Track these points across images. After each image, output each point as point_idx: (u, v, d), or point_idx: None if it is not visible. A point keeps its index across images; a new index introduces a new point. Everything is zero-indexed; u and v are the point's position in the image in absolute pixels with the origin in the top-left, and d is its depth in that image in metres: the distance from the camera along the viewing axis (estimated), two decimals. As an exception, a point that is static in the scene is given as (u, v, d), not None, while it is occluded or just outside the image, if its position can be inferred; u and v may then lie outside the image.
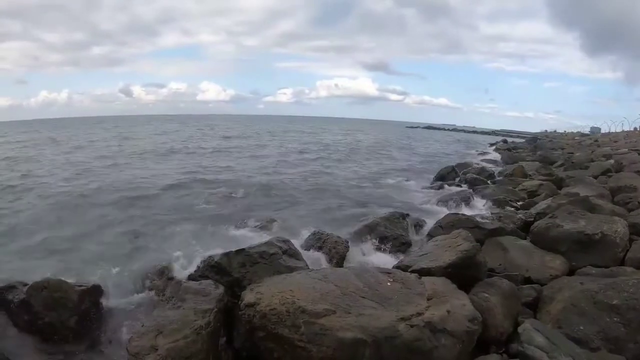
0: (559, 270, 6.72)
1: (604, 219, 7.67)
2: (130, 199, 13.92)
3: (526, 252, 7.37)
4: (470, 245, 6.11)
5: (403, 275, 5.67)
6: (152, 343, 4.44)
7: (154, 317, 5.04)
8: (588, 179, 14.40)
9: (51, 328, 5.60)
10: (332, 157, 29.78)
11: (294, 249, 7.20)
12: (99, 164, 22.79)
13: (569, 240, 7.23)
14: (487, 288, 5.50)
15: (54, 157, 26.39)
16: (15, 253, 8.85)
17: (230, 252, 6.47)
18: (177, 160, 25.20)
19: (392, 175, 21.89)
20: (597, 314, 4.89)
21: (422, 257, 6.64)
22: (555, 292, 5.66)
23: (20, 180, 17.77)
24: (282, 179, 19.29)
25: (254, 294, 4.94)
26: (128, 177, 18.65)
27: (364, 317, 4.46)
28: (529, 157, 27.47)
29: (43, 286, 5.79)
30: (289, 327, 4.38)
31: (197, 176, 18.86)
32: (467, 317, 4.59)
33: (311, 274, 5.63)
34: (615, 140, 37.15)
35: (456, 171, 19.37)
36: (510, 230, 8.60)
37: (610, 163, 18.17)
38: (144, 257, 8.46)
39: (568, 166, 20.38)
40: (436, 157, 34.40)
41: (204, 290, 5.53)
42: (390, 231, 9.12)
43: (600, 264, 6.65)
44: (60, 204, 13.21)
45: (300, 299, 4.63)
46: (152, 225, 10.97)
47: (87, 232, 10.32)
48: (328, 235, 8.36)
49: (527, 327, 4.62)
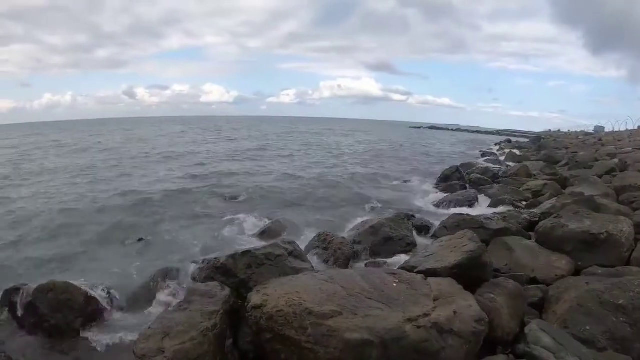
0: (564, 270, 6.70)
1: (609, 219, 7.65)
2: (137, 203, 14.00)
3: (532, 253, 7.35)
4: (476, 246, 6.09)
5: (409, 276, 5.66)
6: (159, 345, 4.45)
7: (160, 319, 5.04)
8: (593, 178, 14.34)
9: (57, 330, 5.63)
10: (336, 157, 29.79)
11: (299, 251, 7.20)
12: (107, 169, 22.82)
13: (574, 240, 7.21)
14: (493, 289, 5.49)
15: (61, 160, 26.41)
16: (23, 256, 8.90)
17: (236, 253, 6.45)
18: (179, 164, 25.14)
19: (396, 176, 21.92)
20: (604, 314, 4.87)
21: (427, 257, 6.63)
22: (561, 293, 5.64)
23: (29, 185, 17.87)
24: (292, 180, 19.42)
25: (260, 296, 4.93)
26: (135, 182, 18.75)
27: (370, 318, 4.45)
28: (533, 157, 27.44)
29: (49, 288, 5.82)
30: (296, 329, 4.38)
31: (205, 180, 18.93)
32: (473, 318, 4.59)
33: (317, 276, 5.62)
34: (619, 139, 36.99)
35: (460, 171, 19.32)
36: (515, 231, 8.58)
37: (615, 162, 18.11)
38: (150, 260, 8.50)
39: (572, 165, 20.35)
40: (441, 157, 34.36)
41: (210, 292, 5.54)
42: (396, 232, 9.12)
43: (606, 263, 6.64)
44: (67, 208, 13.25)
45: (307, 301, 4.63)
46: (158, 228, 11.01)
47: (93, 236, 10.37)
48: (333, 236, 8.37)
49: (534, 327, 4.63)
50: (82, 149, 34.09)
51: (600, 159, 21.21)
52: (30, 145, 39.89)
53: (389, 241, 8.88)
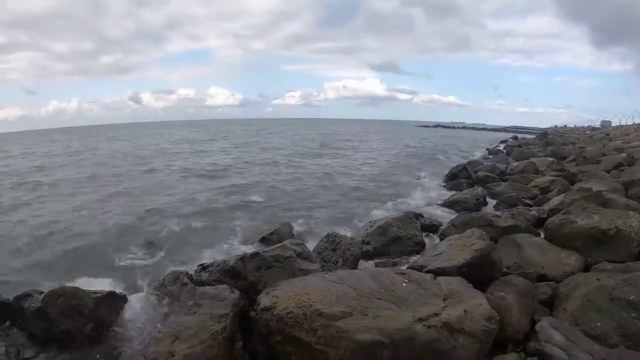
0: (574, 266, 6.68)
1: (618, 214, 7.62)
2: (148, 206, 14.06)
3: (541, 249, 7.32)
4: (485, 244, 6.09)
5: (418, 275, 5.66)
6: (169, 349, 4.47)
7: (170, 323, 5.07)
8: (600, 173, 14.29)
9: (67, 335, 5.62)
10: (344, 155, 29.75)
11: (308, 252, 7.18)
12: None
13: (583, 236, 7.18)
14: (503, 286, 5.48)
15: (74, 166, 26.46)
16: (30, 262, 8.95)
17: (245, 256, 6.43)
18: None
19: (403, 175, 21.88)
20: (614, 310, 4.85)
21: (436, 256, 6.63)
22: (571, 289, 5.61)
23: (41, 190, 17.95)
24: (301, 181, 19.52)
25: (270, 298, 4.94)
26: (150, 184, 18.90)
27: (380, 318, 4.45)
28: (540, 153, 27.33)
29: (59, 294, 5.81)
30: (306, 330, 4.39)
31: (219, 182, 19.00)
32: (484, 317, 4.58)
33: (326, 277, 5.62)
34: (626, 134, 36.89)
35: (467, 169, 19.27)
36: (524, 228, 8.55)
37: (622, 157, 18.07)
38: (159, 263, 8.53)
39: (580, 161, 20.29)
40: (447, 155, 34.32)
41: (220, 295, 5.54)
42: (404, 231, 9.11)
43: (615, 259, 6.61)
44: (77, 213, 13.31)
45: (317, 302, 4.64)
46: (167, 231, 11.02)
47: (102, 240, 10.39)
48: (342, 237, 8.35)
49: (545, 325, 4.61)
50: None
51: (607, 153, 21.17)
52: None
53: (397, 241, 8.87)
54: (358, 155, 33.03)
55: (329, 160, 28.73)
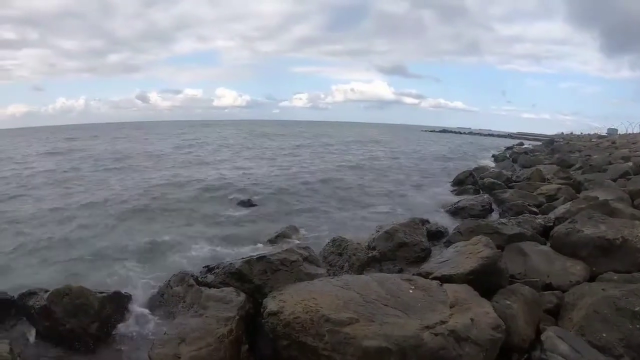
0: (580, 276, 6.65)
1: (625, 223, 7.60)
2: (154, 207, 14.14)
3: (547, 258, 7.30)
4: (492, 252, 6.08)
5: (424, 282, 5.66)
6: (175, 351, 4.48)
7: (176, 325, 5.08)
8: (607, 182, 14.25)
9: (72, 334, 5.64)
10: (349, 164, 29.73)
11: (314, 256, 7.20)
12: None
13: (589, 245, 7.15)
14: (509, 295, 5.47)
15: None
16: (37, 260, 8.98)
17: (251, 259, 6.44)
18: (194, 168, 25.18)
19: (410, 181, 21.87)
20: (620, 321, 4.83)
21: (442, 263, 6.61)
22: (577, 299, 5.59)
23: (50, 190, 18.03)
24: (307, 183, 19.60)
25: (276, 302, 4.95)
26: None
27: (388, 325, 4.46)
28: (547, 160, 27.23)
29: (65, 293, 5.83)
30: (313, 336, 4.40)
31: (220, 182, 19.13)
32: (490, 325, 4.58)
33: (332, 282, 5.63)
34: (633, 142, 36.71)
35: (474, 176, 19.25)
36: (530, 236, 8.51)
37: (629, 165, 17.97)
38: (165, 264, 8.54)
39: (586, 169, 20.20)
40: (453, 161, 34.27)
41: (226, 297, 5.57)
42: (410, 237, 9.07)
43: (621, 269, 6.57)
44: (85, 212, 13.36)
45: (324, 307, 4.65)
46: (173, 232, 11.04)
47: (109, 240, 10.42)
48: (348, 241, 8.35)
49: (550, 334, 4.60)
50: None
51: (614, 162, 21.04)
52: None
53: (403, 246, 8.83)
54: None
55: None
